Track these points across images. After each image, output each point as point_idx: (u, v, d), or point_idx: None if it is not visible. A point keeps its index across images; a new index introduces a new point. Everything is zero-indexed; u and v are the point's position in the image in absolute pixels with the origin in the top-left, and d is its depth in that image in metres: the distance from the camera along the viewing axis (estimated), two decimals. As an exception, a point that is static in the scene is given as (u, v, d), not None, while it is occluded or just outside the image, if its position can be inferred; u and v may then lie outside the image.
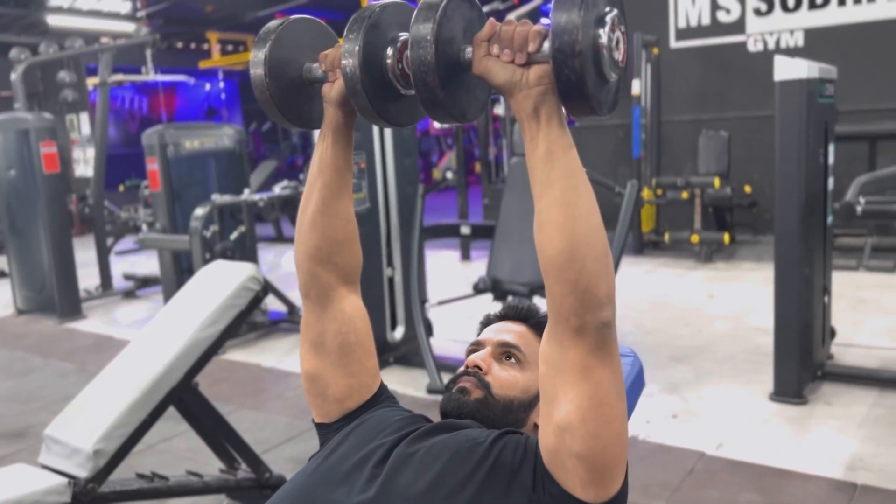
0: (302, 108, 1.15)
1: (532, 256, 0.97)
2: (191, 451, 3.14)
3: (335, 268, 1.19)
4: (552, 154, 0.89)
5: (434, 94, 0.92)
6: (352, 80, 1.00)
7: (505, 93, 0.91)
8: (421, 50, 0.90)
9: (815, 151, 3.29)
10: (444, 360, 3.84)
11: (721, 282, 5.77)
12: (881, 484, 2.61)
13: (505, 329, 1.24)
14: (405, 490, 0.98)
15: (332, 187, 1.15)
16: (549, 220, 0.89)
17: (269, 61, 1.08)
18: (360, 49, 0.99)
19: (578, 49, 0.83)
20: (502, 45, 0.91)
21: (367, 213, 4.00)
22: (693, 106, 7.45)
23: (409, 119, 1.09)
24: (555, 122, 0.89)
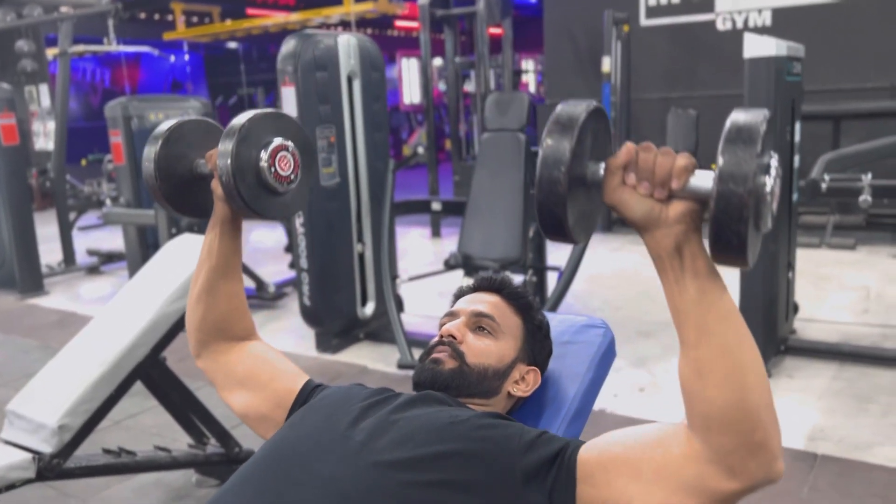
0: (197, 198, 1.23)
1: (502, 232, 0.95)
2: (158, 428, 3.11)
3: (222, 335, 1.28)
4: (706, 297, 0.81)
5: (559, 223, 0.81)
6: (227, 185, 1.11)
7: (639, 228, 0.83)
8: (553, 172, 0.79)
9: (783, 129, 3.33)
10: (414, 336, 3.84)
11: (688, 259, 5.84)
12: (840, 454, 2.69)
13: (479, 300, 1.25)
14: (385, 454, 0.96)
15: (219, 271, 1.24)
16: (713, 370, 0.80)
17: (158, 159, 1.17)
18: (234, 156, 1.09)
19: (746, 213, 0.73)
20: (640, 176, 0.81)
21: (336, 188, 3.96)
22: (662, 84, 7.48)
23: (286, 213, 1.21)
24: (701, 262, 0.81)
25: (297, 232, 3.93)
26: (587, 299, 4.75)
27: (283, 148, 1.14)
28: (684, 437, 0.85)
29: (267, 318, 4.87)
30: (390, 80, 12.56)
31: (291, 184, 1.16)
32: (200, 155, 1.21)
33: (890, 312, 4.24)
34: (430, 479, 0.93)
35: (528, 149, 3.82)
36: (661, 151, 0.81)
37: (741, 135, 0.74)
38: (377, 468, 0.94)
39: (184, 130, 1.20)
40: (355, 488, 0.92)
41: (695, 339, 0.81)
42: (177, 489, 2.70)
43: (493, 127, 3.90)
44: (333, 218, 3.98)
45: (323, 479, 0.94)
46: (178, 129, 1.20)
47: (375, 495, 0.92)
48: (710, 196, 0.75)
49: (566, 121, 0.80)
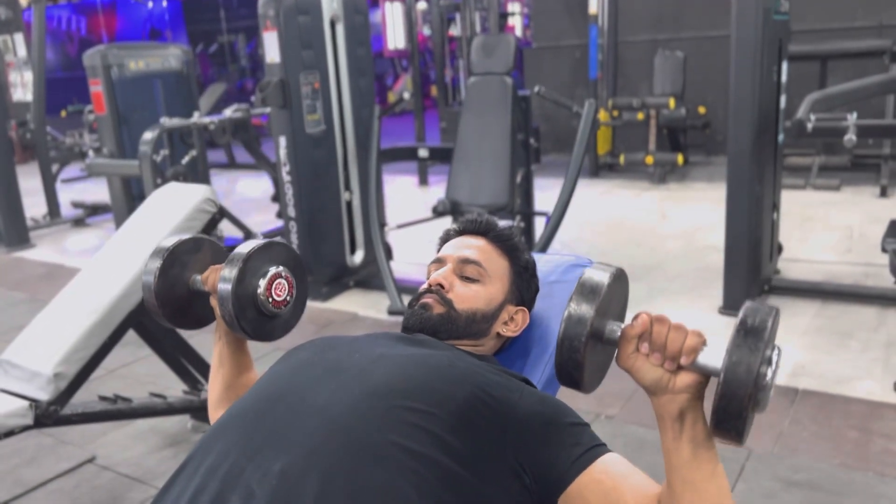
0: (195, 312, 1.29)
1: (490, 178, 0.97)
2: (152, 376, 3.14)
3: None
4: (697, 460, 0.87)
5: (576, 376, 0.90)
6: (226, 315, 1.17)
7: (648, 391, 0.90)
8: (578, 328, 0.87)
9: (769, 68, 3.32)
10: (404, 283, 3.87)
11: (674, 202, 5.87)
12: (820, 388, 2.76)
13: (465, 244, 1.26)
14: (380, 386, 0.97)
15: (234, 373, 1.28)
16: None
17: (156, 289, 1.22)
18: (233, 289, 1.15)
19: (746, 412, 0.79)
20: (653, 348, 0.87)
21: (322, 135, 3.93)
22: (649, 26, 7.40)
23: (285, 330, 1.26)
24: (700, 429, 0.87)
25: (284, 181, 3.91)
26: (574, 245, 4.78)
27: (278, 276, 1.21)
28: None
29: (256, 267, 4.87)
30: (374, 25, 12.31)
31: (288, 305, 1.22)
32: (195, 271, 1.27)
33: (872, 251, 4.29)
34: (419, 408, 0.95)
35: (515, 92, 3.79)
36: (674, 326, 0.87)
37: (751, 335, 0.80)
38: (371, 397, 0.96)
39: (177, 253, 1.25)
40: (349, 415, 0.94)
41: (680, 490, 0.88)
42: (173, 435, 2.74)
43: (479, 71, 3.86)
44: (320, 166, 3.96)
45: (316, 408, 0.95)
46: (171, 255, 1.24)
47: (369, 420, 0.94)
48: (717, 379, 0.82)
49: (592, 287, 0.89)
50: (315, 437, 0.92)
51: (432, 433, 0.93)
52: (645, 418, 2.63)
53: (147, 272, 1.23)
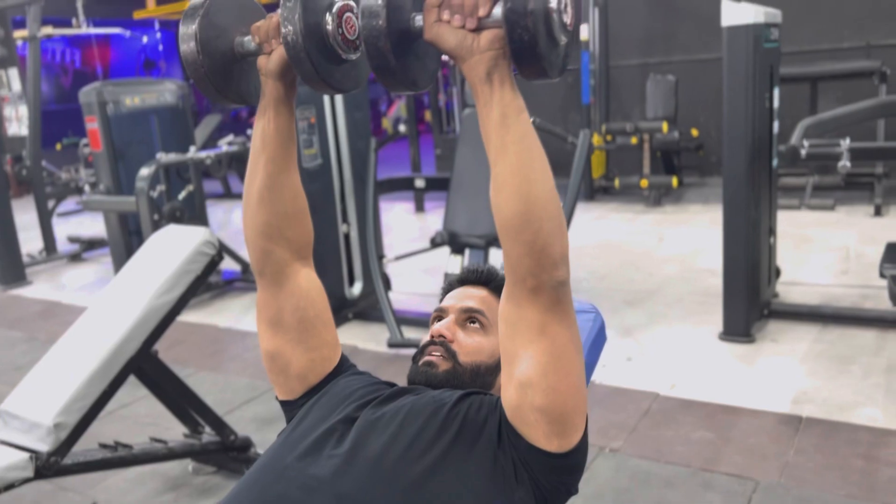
0: (238, 83, 1.13)
1: (488, 209, 0.98)
2: (152, 417, 3.12)
3: (287, 243, 1.17)
4: (506, 118, 0.90)
5: (387, 62, 0.92)
6: (294, 48, 1.00)
7: (456, 58, 0.92)
8: (373, 19, 0.90)
9: (762, 95, 3.35)
10: (403, 314, 3.86)
11: (670, 225, 5.89)
12: (824, 415, 2.75)
13: (466, 295, 1.26)
14: (375, 453, 1.00)
15: (278, 161, 1.13)
16: (505, 184, 0.91)
17: (200, 35, 1.05)
18: (301, 16, 0.98)
19: (531, 9, 0.85)
20: (453, 11, 0.91)
21: (319, 168, 3.94)
22: (640, 50, 7.47)
23: (352, 84, 1.09)
24: (507, 86, 0.90)
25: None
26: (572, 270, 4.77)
27: (349, 9, 1.03)
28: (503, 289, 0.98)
29: (253, 301, 4.85)
30: (367, 53, 12.34)
31: (357, 51, 1.05)
32: (240, 32, 1.10)
33: (869, 272, 4.31)
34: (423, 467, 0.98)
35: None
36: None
37: None
38: (371, 467, 0.99)
39: (223, 3, 1.08)
40: (356, 490, 0.96)
41: (494, 158, 0.92)
42: (173, 478, 2.72)
43: (473, 101, 3.88)
44: (317, 199, 3.96)
45: (319, 482, 0.97)
46: (216, 2, 1.07)
47: (377, 493, 0.95)
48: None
49: None
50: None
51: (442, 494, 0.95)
52: (650, 451, 2.61)
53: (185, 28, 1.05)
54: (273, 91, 1.10)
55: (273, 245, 1.16)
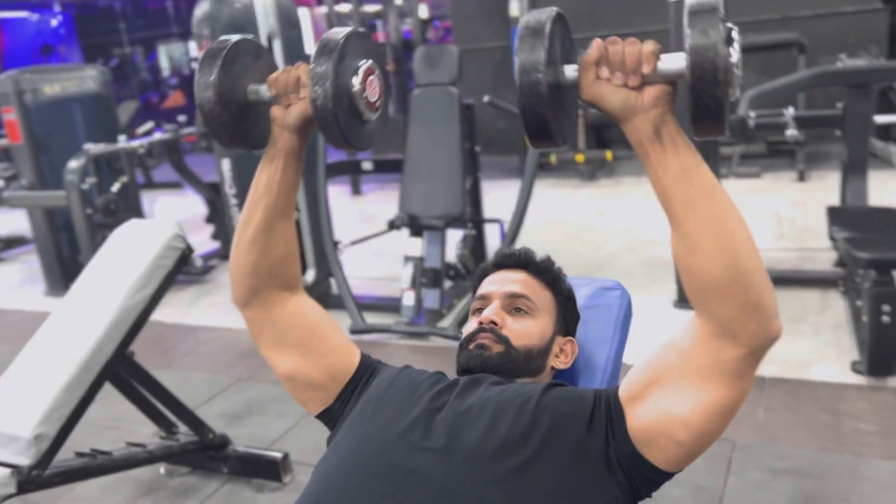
0: (250, 130, 1.11)
1: (443, 188, 0.97)
2: (112, 420, 2.98)
3: (275, 281, 1.17)
4: (687, 172, 0.85)
5: (545, 126, 0.85)
6: (323, 112, 0.99)
7: (619, 118, 0.87)
8: (533, 76, 0.83)
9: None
10: (361, 300, 3.81)
11: (607, 198, 6.02)
12: (785, 375, 2.89)
13: (508, 279, 1.25)
14: (472, 446, 0.98)
15: (279, 208, 1.13)
16: (701, 241, 0.85)
17: (219, 86, 1.03)
18: (332, 82, 0.98)
19: (720, 76, 0.78)
20: (612, 68, 0.85)
21: (267, 154, 3.82)
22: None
23: (367, 143, 1.10)
24: (680, 141, 0.86)
25: (231, 204, 3.79)
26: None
27: (373, 71, 1.04)
28: (690, 329, 0.91)
29: (197, 293, 4.70)
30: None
31: (378, 111, 1.07)
32: (253, 80, 1.09)
33: (803, 235, 4.54)
34: (521, 463, 0.96)
35: (462, 102, 3.80)
36: (628, 42, 0.86)
37: (703, 7, 0.79)
38: (470, 460, 0.97)
39: (238, 51, 1.07)
40: (458, 483, 0.94)
41: (682, 215, 0.86)
42: (146, 482, 2.61)
43: (423, 82, 3.84)
44: (266, 186, 3.85)
45: (422, 477, 0.94)
46: (235, 49, 1.06)
47: (478, 486, 0.93)
48: (683, 71, 0.81)
49: (535, 27, 0.85)
50: None
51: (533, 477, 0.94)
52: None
53: (201, 83, 1.03)
54: (287, 143, 1.09)
55: (261, 283, 1.16)
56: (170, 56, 19.72)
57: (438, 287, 3.65)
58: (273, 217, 1.12)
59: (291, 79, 1.05)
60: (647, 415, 0.96)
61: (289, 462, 2.55)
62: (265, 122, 1.11)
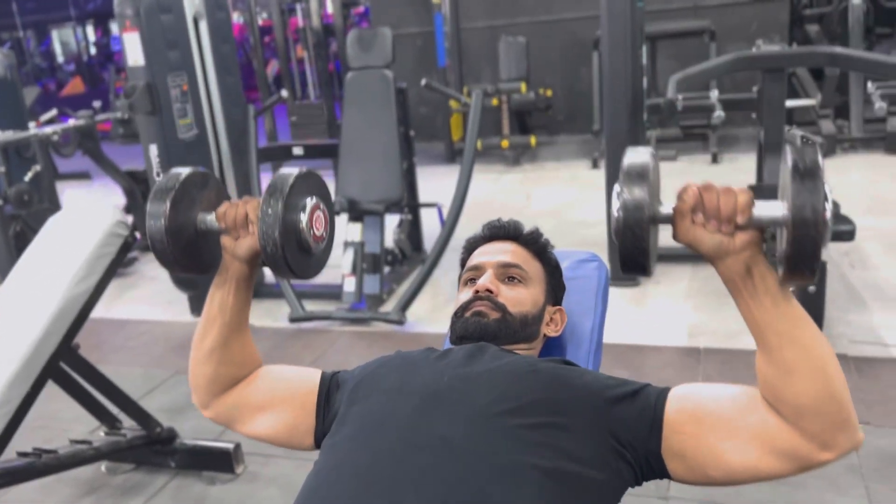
0: (199, 257, 1.14)
1: (381, 173, 0.99)
2: (42, 419, 2.82)
3: (236, 381, 1.20)
4: (780, 307, 0.89)
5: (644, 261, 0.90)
6: (274, 257, 1.04)
7: (712, 258, 0.90)
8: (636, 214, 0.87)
9: (637, 53, 3.56)
10: (299, 288, 3.75)
11: (533, 183, 6.13)
12: (719, 345, 3.03)
13: (500, 250, 1.27)
14: (489, 406, 0.98)
15: (233, 326, 1.17)
16: (799, 368, 0.89)
17: (169, 220, 1.06)
18: (281, 232, 1.03)
19: (819, 251, 0.81)
20: (708, 216, 0.88)
21: (195, 140, 3.70)
22: (487, 13, 7.61)
23: (315, 271, 1.14)
24: (771, 279, 0.89)
25: (159, 191, 3.65)
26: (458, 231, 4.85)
27: (318, 207, 1.11)
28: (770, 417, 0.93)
29: (121, 286, 4.51)
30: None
31: (324, 241, 1.13)
32: (202, 209, 1.13)
33: (721, 214, 4.75)
34: (534, 423, 0.97)
35: (397, 85, 3.78)
36: (723, 191, 0.88)
37: (810, 168, 0.82)
38: (486, 419, 0.97)
39: (187, 185, 1.10)
40: (476, 442, 0.94)
41: (777, 344, 0.90)
42: (87, 481, 2.50)
43: (357, 65, 3.80)
44: (196, 172, 3.72)
45: (438, 440, 0.94)
46: (183, 186, 1.09)
47: (494, 442, 0.94)
48: (779, 220, 0.85)
49: (640, 170, 0.90)
50: (450, 472, 0.90)
51: (553, 445, 0.95)
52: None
53: (153, 213, 1.07)
54: (238, 271, 1.13)
55: (221, 388, 1.20)
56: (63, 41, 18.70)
57: (379, 272, 3.64)
58: (228, 333, 1.16)
59: (240, 215, 1.08)
60: (692, 440, 0.97)
61: (240, 452, 2.50)
62: (216, 246, 1.15)
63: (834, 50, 3.75)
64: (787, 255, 0.82)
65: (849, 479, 2.17)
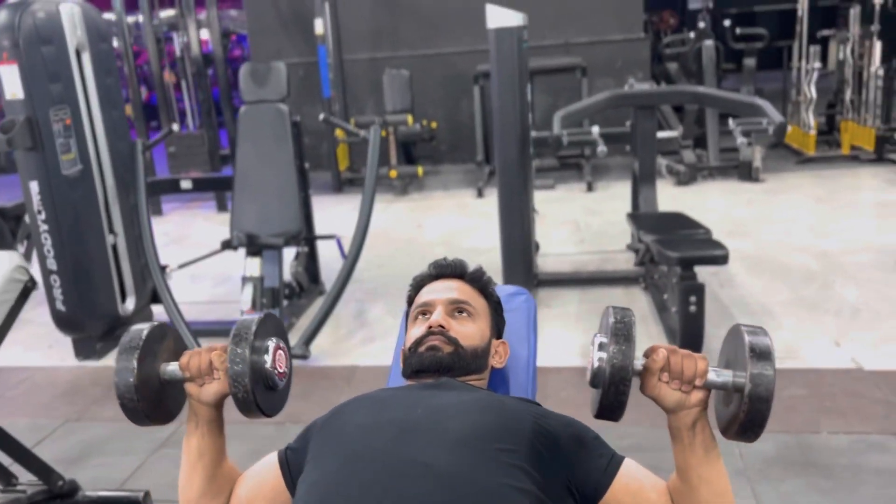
0: (165, 405, 1.19)
1: (279, 207, 1.08)
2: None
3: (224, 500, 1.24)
4: (709, 456, 1.06)
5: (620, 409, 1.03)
6: (245, 402, 1.11)
7: (668, 411, 1.05)
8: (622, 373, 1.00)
9: (524, 91, 3.76)
10: (193, 326, 3.65)
11: (422, 212, 6.26)
12: (611, 364, 3.23)
13: (447, 287, 1.34)
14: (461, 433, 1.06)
15: (214, 462, 1.21)
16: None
17: (137, 375, 1.11)
18: (251, 377, 1.09)
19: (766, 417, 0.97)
20: (673, 377, 1.03)
21: (80, 175, 3.54)
22: (369, 45, 7.73)
23: (279, 407, 1.21)
24: (708, 432, 1.06)
25: (41, 230, 3.46)
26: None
27: (279, 347, 1.17)
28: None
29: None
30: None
31: (286, 376, 1.19)
32: (163, 360, 1.18)
33: (600, 240, 5.06)
34: (507, 448, 1.05)
35: (292, 119, 3.79)
36: (685, 355, 1.05)
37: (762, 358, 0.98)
38: (464, 445, 1.04)
39: (150, 340, 1.15)
40: (457, 466, 1.01)
41: (696, 485, 1.07)
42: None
43: (251, 99, 3.78)
44: (80, 210, 3.56)
45: (420, 467, 1.00)
46: (147, 341, 1.14)
47: (476, 466, 1.01)
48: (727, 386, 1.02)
49: (626, 331, 1.04)
50: (439, 497, 0.96)
51: (524, 469, 1.03)
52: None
53: (122, 370, 1.12)
54: (206, 414, 1.18)
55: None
56: None
57: (278, 306, 3.61)
58: (212, 470, 1.21)
59: (204, 363, 1.14)
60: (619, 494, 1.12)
61: (150, 500, 2.41)
62: (178, 394, 1.20)
63: (697, 89, 4.13)
64: (742, 420, 0.99)
65: (737, 483, 2.38)
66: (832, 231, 4.80)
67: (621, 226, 5.04)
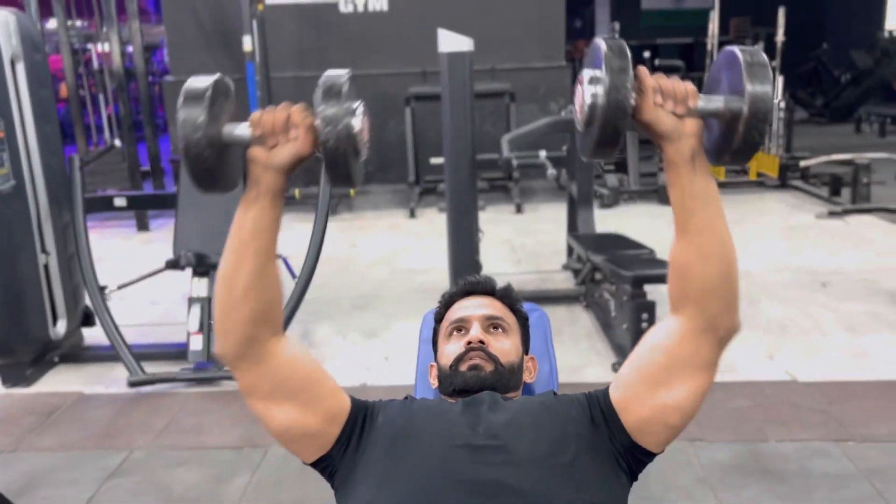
0: (224, 171, 1.07)
1: (226, 225, 1.05)
2: None
3: (269, 326, 1.15)
4: (709, 196, 1.04)
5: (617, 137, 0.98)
6: (335, 153, 1.01)
7: (665, 139, 1.01)
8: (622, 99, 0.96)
9: (473, 114, 3.84)
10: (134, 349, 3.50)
11: (355, 232, 6.23)
12: (568, 380, 3.30)
13: (481, 304, 1.37)
14: (529, 452, 1.09)
15: (268, 251, 1.11)
16: (712, 252, 1.05)
17: (207, 127, 1.00)
18: (346, 124, 1.00)
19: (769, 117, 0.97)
20: (665, 96, 1.00)
21: (14, 191, 3.35)
22: (295, 63, 7.66)
23: (360, 179, 1.11)
24: (707, 168, 1.04)
25: (-30, 248, 3.24)
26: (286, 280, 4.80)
27: (365, 111, 1.06)
28: (674, 330, 1.11)
29: None
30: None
31: (365, 150, 1.08)
32: (227, 118, 1.06)
33: (536, 260, 5.19)
34: (569, 460, 1.10)
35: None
36: (673, 79, 1.03)
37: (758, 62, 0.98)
38: (534, 463, 1.08)
39: (217, 91, 1.03)
40: (534, 485, 1.05)
41: (698, 228, 1.05)
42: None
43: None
44: (13, 226, 3.37)
45: (508, 487, 1.02)
46: (215, 89, 1.03)
47: (552, 484, 1.05)
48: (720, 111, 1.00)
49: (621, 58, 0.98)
50: None
51: (586, 480, 1.08)
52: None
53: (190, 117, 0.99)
54: (273, 183, 1.08)
55: (256, 331, 1.13)
56: None
57: (227, 328, 3.51)
58: (265, 259, 1.11)
59: (279, 119, 1.04)
60: (643, 409, 1.14)
61: (112, 533, 2.29)
62: (236, 162, 1.09)
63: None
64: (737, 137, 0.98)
65: (700, 490, 2.50)
66: (750, 252, 5.10)
67: (554, 246, 5.20)
